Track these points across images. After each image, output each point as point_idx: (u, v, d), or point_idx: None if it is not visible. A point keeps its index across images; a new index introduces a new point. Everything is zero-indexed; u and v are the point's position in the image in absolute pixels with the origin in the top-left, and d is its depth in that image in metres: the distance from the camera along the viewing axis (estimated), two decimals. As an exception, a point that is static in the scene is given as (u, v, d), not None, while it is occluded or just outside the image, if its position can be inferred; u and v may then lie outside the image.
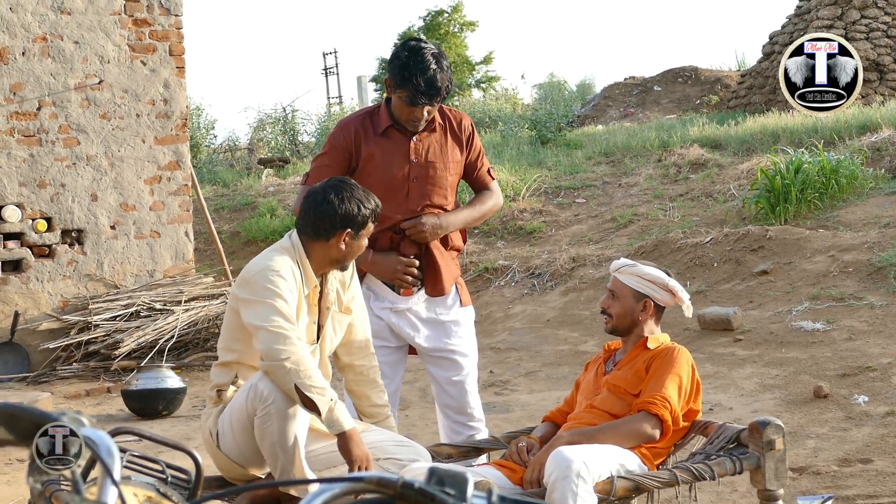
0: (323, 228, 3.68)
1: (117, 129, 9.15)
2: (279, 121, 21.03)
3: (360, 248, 3.76)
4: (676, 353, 3.83)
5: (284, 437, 3.43)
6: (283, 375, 3.42)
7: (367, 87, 28.56)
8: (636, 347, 3.94)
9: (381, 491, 1.42)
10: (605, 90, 22.43)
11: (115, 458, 1.58)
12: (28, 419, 1.64)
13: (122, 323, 8.75)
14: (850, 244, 8.80)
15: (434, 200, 4.31)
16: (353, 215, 3.67)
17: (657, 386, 3.74)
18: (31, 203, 8.84)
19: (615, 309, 3.95)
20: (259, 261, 3.68)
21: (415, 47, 4.15)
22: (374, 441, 3.74)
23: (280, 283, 3.55)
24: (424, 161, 4.27)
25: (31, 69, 8.83)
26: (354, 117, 4.39)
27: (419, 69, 4.06)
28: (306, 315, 3.72)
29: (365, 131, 4.28)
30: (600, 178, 13.40)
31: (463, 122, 4.41)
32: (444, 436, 4.50)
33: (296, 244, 3.72)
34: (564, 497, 3.33)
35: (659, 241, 10.11)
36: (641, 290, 3.93)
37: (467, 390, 4.44)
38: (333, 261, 3.73)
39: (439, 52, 4.18)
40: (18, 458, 6.23)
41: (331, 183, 3.76)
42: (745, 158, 12.84)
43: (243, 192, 15.50)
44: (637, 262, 4.00)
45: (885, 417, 5.87)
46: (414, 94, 4.08)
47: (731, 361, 7.38)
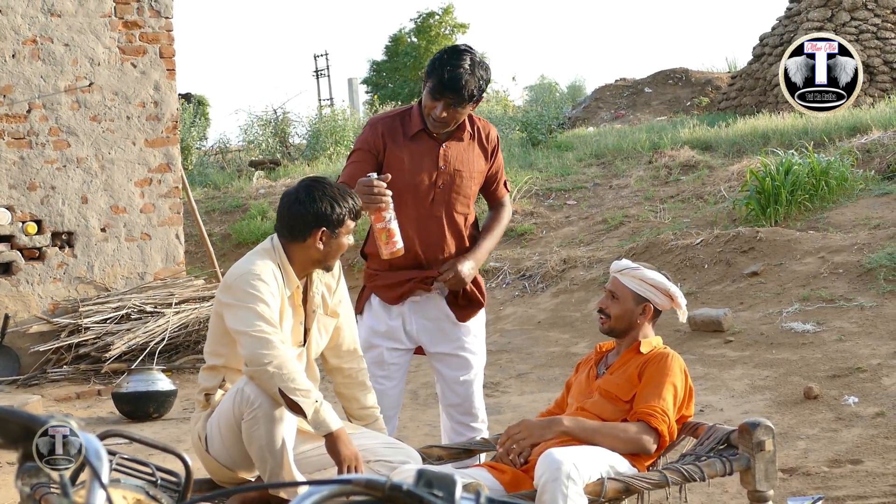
0: (297, 229, 3.67)
1: (107, 132, 9.13)
2: (270, 123, 21.01)
3: (342, 246, 3.71)
4: (670, 359, 3.81)
5: (272, 441, 3.42)
6: (268, 380, 3.41)
7: (358, 89, 28.56)
8: (629, 351, 3.92)
9: (369, 493, 1.42)
10: (596, 92, 22.46)
11: (103, 461, 1.57)
12: (17, 423, 1.64)
13: (112, 325, 8.74)
14: (840, 245, 8.82)
15: (457, 208, 4.30)
16: (327, 214, 3.64)
17: (653, 395, 3.71)
18: (21, 205, 8.82)
19: (614, 310, 3.93)
20: (241, 265, 3.67)
21: (458, 48, 4.17)
22: (363, 444, 3.73)
23: (261, 286, 3.54)
24: (452, 168, 4.26)
25: (21, 71, 8.81)
26: (384, 118, 4.35)
27: (450, 64, 4.06)
28: (291, 317, 3.71)
29: (393, 133, 4.25)
30: (591, 180, 13.42)
31: (490, 133, 4.40)
32: (445, 437, 4.49)
33: (276, 247, 3.71)
34: (555, 499, 3.33)
35: (650, 242, 10.12)
36: (642, 293, 3.90)
37: (473, 391, 4.44)
38: (314, 261, 3.71)
39: (480, 60, 4.16)
40: (9, 461, 6.21)
41: (304, 182, 3.75)
42: (735, 160, 12.86)
43: (234, 195, 15.49)
44: (640, 265, 3.97)
45: (875, 418, 5.88)
46: (438, 84, 4.06)
47: (721, 363, 7.39)
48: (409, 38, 34.43)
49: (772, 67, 17.28)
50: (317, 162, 18.59)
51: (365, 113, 22.93)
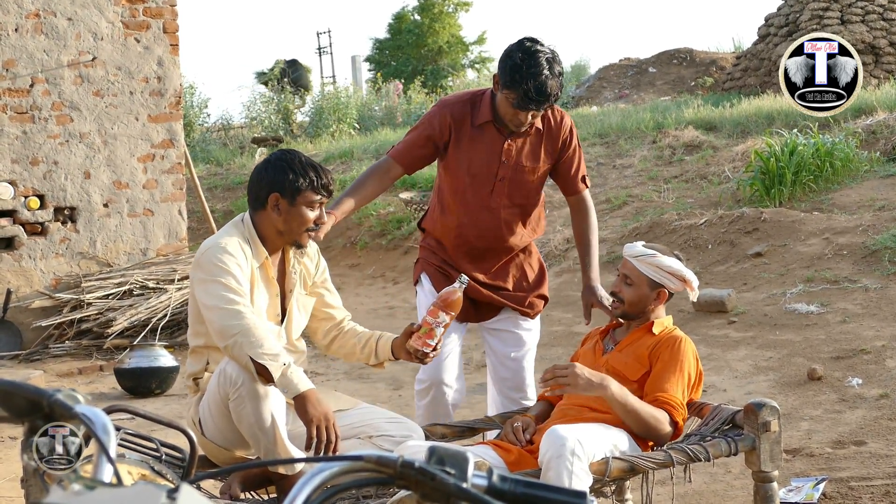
0: (256, 196, 3.66)
1: (111, 107, 9.10)
2: (273, 100, 20.96)
3: (303, 218, 3.63)
4: (683, 345, 3.77)
5: (261, 418, 3.39)
6: (238, 350, 3.38)
7: (361, 66, 28.44)
8: (640, 329, 3.88)
9: (380, 470, 1.41)
10: (600, 71, 22.38)
11: (110, 435, 1.56)
12: (22, 396, 1.62)
13: (114, 301, 8.73)
14: (844, 227, 8.80)
15: (516, 200, 4.26)
16: (280, 179, 3.59)
17: (669, 384, 3.68)
18: (24, 180, 8.80)
19: (628, 295, 3.87)
20: (208, 241, 3.65)
21: (530, 49, 3.98)
22: (365, 418, 3.72)
23: (227, 259, 3.53)
24: (514, 163, 4.19)
25: (23, 46, 8.77)
26: (455, 101, 4.26)
27: (532, 73, 3.91)
28: (265, 291, 3.69)
29: (461, 120, 4.19)
30: (595, 160, 13.38)
31: (564, 121, 4.27)
32: (493, 408, 4.47)
33: (245, 220, 3.70)
34: (559, 475, 3.32)
35: (653, 222, 10.10)
36: (658, 279, 3.84)
37: (525, 366, 4.42)
38: (279, 232, 3.66)
39: (553, 56, 4.01)
40: (11, 435, 6.21)
41: (274, 153, 3.72)
42: (739, 140, 12.82)
43: (236, 171, 15.47)
44: (655, 251, 3.87)
45: (879, 400, 5.87)
46: (523, 98, 3.95)
47: (725, 343, 7.38)
48: (413, 15, 34.30)
49: (777, 48, 17.20)
50: (320, 139, 18.56)
51: (368, 91, 22.85)
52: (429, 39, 33.38)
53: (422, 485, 1.38)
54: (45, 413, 1.63)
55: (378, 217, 13.19)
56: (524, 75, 3.92)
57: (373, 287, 11.69)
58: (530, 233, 4.40)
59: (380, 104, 21.50)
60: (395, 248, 12.55)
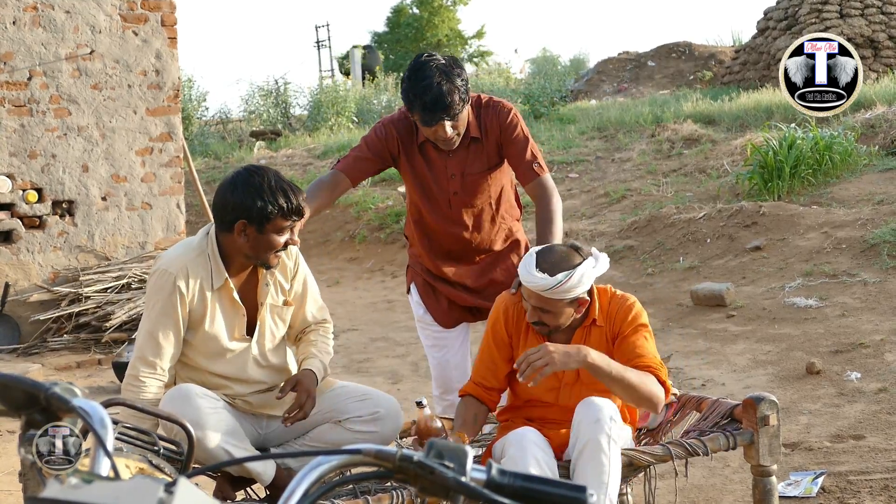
0: (221, 218, 3.43)
1: (109, 100, 9.08)
2: (271, 93, 20.94)
3: (272, 243, 3.41)
4: (633, 307, 3.58)
5: (210, 454, 3.36)
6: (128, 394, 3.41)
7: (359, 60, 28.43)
8: (582, 329, 3.62)
9: (379, 464, 1.40)
10: (599, 65, 22.38)
11: (108, 429, 1.55)
12: (19, 389, 1.62)
13: (113, 295, 8.72)
14: (843, 221, 8.79)
15: (476, 203, 4.27)
16: (248, 206, 3.34)
17: (639, 349, 3.50)
18: (22, 174, 8.78)
19: (551, 321, 3.54)
20: (164, 259, 3.48)
21: (415, 65, 3.95)
22: (332, 403, 3.67)
23: (167, 299, 3.41)
24: (462, 174, 4.19)
25: (21, 38, 8.75)
26: (399, 118, 4.22)
27: (424, 87, 3.87)
28: (222, 314, 3.52)
29: (407, 135, 4.18)
30: (593, 153, 13.37)
31: (500, 115, 4.18)
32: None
33: (210, 236, 3.50)
34: (598, 442, 3.25)
35: (652, 216, 10.10)
36: (573, 296, 3.49)
37: None
38: (244, 255, 3.45)
39: (447, 62, 3.95)
40: (9, 429, 6.21)
41: (241, 169, 3.47)
42: (738, 134, 12.82)
43: (235, 165, 15.45)
44: (560, 277, 3.42)
45: (878, 394, 5.87)
46: (426, 113, 3.91)
47: (723, 337, 7.37)
48: (411, 9, 34.28)
49: (776, 42, 17.20)
50: (318, 133, 18.55)
51: (367, 85, 22.83)
52: (427, 33, 33.38)
53: (420, 478, 1.37)
54: (43, 406, 1.62)
55: (376, 211, 13.19)
56: (417, 91, 3.89)
57: (371, 280, 11.68)
58: (508, 220, 4.41)
59: (378, 98, 21.50)
60: (393, 242, 12.55)
